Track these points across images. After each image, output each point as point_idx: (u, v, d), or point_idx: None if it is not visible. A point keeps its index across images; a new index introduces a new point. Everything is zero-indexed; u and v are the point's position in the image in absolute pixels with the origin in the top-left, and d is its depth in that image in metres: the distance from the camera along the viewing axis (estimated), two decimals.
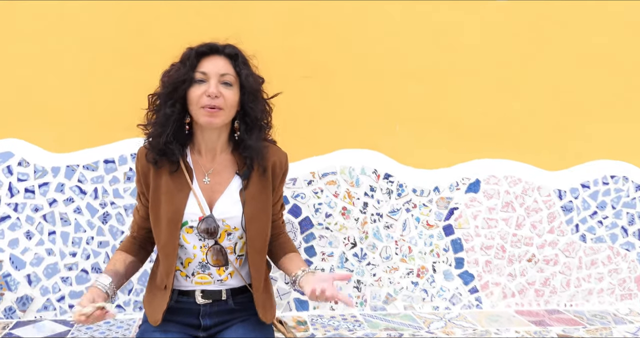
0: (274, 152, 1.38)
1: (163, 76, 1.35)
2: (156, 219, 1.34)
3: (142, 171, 1.35)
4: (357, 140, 2.15)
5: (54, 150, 2.00)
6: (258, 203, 1.35)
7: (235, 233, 1.34)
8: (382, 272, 2.18)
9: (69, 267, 2.01)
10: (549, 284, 2.29)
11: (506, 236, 2.24)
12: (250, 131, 1.34)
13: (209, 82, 1.28)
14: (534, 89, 2.22)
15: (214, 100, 1.26)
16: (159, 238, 1.34)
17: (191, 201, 1.32)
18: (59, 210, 2.00)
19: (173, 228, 1.31)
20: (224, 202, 1.33)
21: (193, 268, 1.36)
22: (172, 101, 1.28)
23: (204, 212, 1.31)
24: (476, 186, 2.21)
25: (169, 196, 1.32)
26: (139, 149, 1.37)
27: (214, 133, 1.34)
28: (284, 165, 1.41)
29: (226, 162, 1.37)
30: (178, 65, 1.30)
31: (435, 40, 2.14)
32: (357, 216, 2.15)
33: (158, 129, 1.30)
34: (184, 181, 1.33)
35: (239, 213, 1.32)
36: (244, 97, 1.32)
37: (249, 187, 1.34)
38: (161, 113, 1.29)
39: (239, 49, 1.35)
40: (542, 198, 2.25)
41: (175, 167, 1.33)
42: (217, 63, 1.30)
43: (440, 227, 2.20)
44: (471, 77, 2.18)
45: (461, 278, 2.23)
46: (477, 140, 2.21)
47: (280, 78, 1.86)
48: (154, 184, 1.33)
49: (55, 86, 1.98)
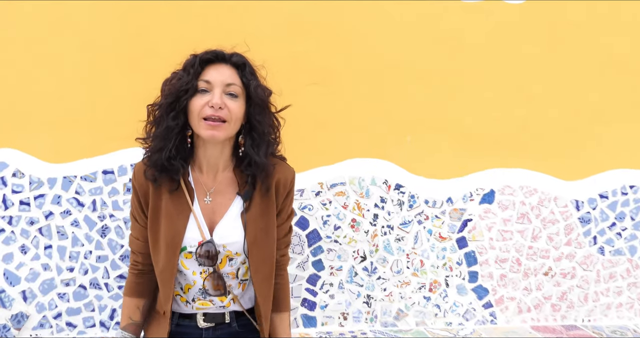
0: (280, 169, 1.28)
1: (164, 85, 1.24)
2: (155, 242, 1.24)
3: (142, 190, 1.25)
4: (366, 149, 2.06)
5: (50, 161, 1.91)
6: (261, 227, 1.24)
7: (238, 259, 1.25)
8: (393, 286, 2.09)
9: (66, 282, 1.92)
10: (566, 298, 2.20)
11: (522, 249, 2.15)
12: (257, 147, 1.24)
13: (212, 91, 1.18)
14: (550, 95, 2.13)
15: (218, 112, 1.16)
16: (157, 262, 1.25)
17: (191, 224, 1.22)
18: (55, 223, 1.91)
19: (172, 254, 1.22)
20: (225, 225, 1.23)
21: (193, 295, 1.27)
22: (174, 113, 1.19)
23: (204, 237, 1.22)
24: (490, 197, 2.12)
25: (169, 218, 1.22)
26: (136, 165, 1.28)
27: (217, 148, 1.24)
28: (289, 183, 1.30)
29: (228, 181, 1.27)
30: (180, 73, 1.20)
31: (447, 44, 2.06)
32: (367, 228, 2.06)
33: (159, 143, 1.20)
34: (184, 201, 1.24)
35: (241, 239, 1.22)
36: (251, 110, 1.23)
37: (251, 209, 1.24)
38: (162, 126, 1.19)
39: (246, 58, 1.26)
40: (558, 209, 2.17)
41: (176, 185, 1.23)
42: (222, 72, 1.21)
43: (454, 240, 2.11)
44: (484, 82, 2.09)
45: (475, 293, 2.14)
46: (491, 148, 2.12)
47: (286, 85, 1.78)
48: (153, 204, 1.24)
49: (52, 92, 1.89)
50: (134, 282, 1.30)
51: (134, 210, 1.29)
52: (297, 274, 2.03)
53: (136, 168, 1.27)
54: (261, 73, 1.29)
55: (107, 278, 1.94)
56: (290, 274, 1.77)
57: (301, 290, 2.04)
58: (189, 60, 1.23)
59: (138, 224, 1.29)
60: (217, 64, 1.22)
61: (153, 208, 1.24)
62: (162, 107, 1.20)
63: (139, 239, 1.29)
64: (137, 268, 1.31)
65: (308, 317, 2.05)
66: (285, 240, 1.35)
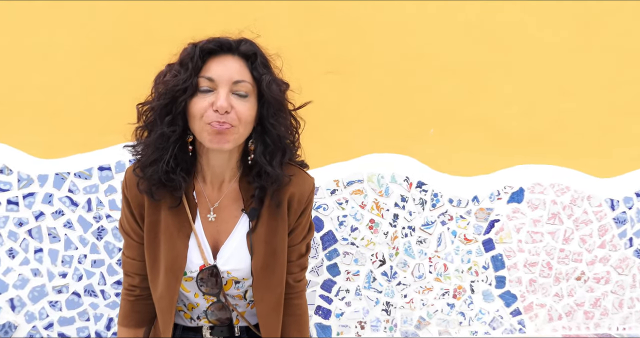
0: (297, 181, 1.08)
1: (156, 81, 1.03)
2: (153, 263, 1.06)
3: (136, 201, 1.05)
4: (386, 143, 1.89)
5: (41, 156, 1.74)
6: (270, 249, 1.06)
7: (245, 283, 1.08)
8: (414, 292, 1.93)
9: (58, 289, 1.75)
10: (600, 305, 2.04)
11: (552, 251, 1.99)
12: (269, 154, 1.04)
13: (217, 91, 0.98)
14: (583, 87, 1.97)
15: (224, 116, 0.96)
16: (155, 287, 1.07)
17: (192, 246, 1.04)
18: (46, 224, 1.74)
19: (172, 279, 1.04)
20: (229, 248, 1.06)
21: (198, 314, 1.11)
22: (171, 117, 0.99)
23: (207, 261, 1.04)
24: (519, 195, 1.96)
25: (169, 237, 1.03)
26: (127, 171, 1.09)
27: (223, 156, 1.05)
28: (305, 199, 1.09)
29: (234, 194, 1.09)
30: (177, 67, 1.00)
31: (472, 33, 1.89)
32: (386, 230, 1.90)
33: (153, 153, 1.00)
34: (184, 218, 1.05)
35: (247, 264, 1.05)
36: (263, 110, 1.02)
37: (258, 229, 1.06)
38: (156, 132, 0.99)
39: (257, 46, 1.04)
40: (592, 209, 2.01)
41: (178, 201, 1.05)
42: (229, 66, 1.00)
43: (480, 242, 1.95)
44: (513, 74, 1.93)
45: (502, 299, 1.98)
46: (520, 143, 1.95)
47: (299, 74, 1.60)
48: (150, 219, 1.05)
49: (43, 82, 1.72)
50: (130, 311, 1.13)
51: (127, 225, 1.10)
52: (310, 279, 1.87)
53: (128, 174, 1.08)
54: (276, 63, 1.08)
55: (104, 284, 1.77)
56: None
57: (315, 296, 1.88)
58: (186, 50, 1.02)
59: (133, 241, 1.10)
60: (221, 55, 1.02)
61: (150, 224, 1.05)
62: (156, 110, 1.00)
63: (135, 259, 1.11)
64: (133, 294, 1.13)
65: (322, 326, 1.88)
66: (299, 263, 1.17)
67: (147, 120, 1.03)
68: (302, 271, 1.20)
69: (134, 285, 1.14)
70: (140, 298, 1.14)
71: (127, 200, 1.08)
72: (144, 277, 1.12)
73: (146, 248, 1.07)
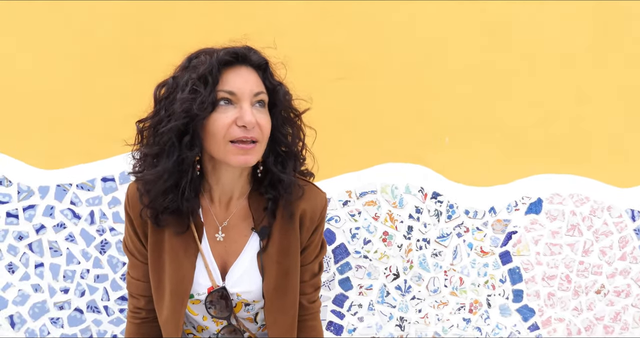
0: (308, 196, 1.03)
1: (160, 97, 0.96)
2: (158, 285, 1.00)
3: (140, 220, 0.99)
4: (400, 153, 1.82)
5: (42, 166, 1.67)
6: (282, 269, 1.01)
7: (256, 305, 1.02)
8: (429, 307, 1.86)
9: (59, 305, 1.68)
10: (620, 319, 1.97)
11: (572, 264, 1.92)
12: (282, 163, 1.01)
13: (239, 105, 0.93)
14: (603, 93, 1.90)
15: (250, 132, 0.92)
16: (160, 310, 1.01)
17: (199, 268, 0.98)
18: (47, 238, 1.67)
19: (178, 303, 0.98)
20: (239, 269, 1.00)
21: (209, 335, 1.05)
22: (190, 138, 0.92)
23: (215, 283, 0.99)
24: (538, 206, 1.89)
25: (174, 258, 0.97)
26: (129, 188, 1.02)
27: (235, 172, 0.99)
28: (317, 216, 1.05)
29: (244, 212, 1.03)
30: (194, 82, 0.92)
31: (488, 37, 1.82)
32: (400, 242, 1.83)
33: (167, 179, 0.93)
34: (190, 238, 0.99)
35: (258, 286, 0.99)
36: (274, 120, 0.99)
37: (269, 249, 1.00)
38: (173, 156, 0.92)
39: (264, 55, 1.01)
40: (612, 220, 1.94)
41: (185, 227, 0.99)
42: (247, 78, 0.95)
43: (497, 255, 1.88)
44: (531, 79, 1.86)
45: (520, 314, 1.91)
46: (538, 152, 1.89)
47: (310, 80, 1.56)
48: (154, 239, 0.99)
49: (43, 89, 1.66)
50: (136, 334, 1.07)
51: (131, 244, 1.04)
52: (322, 294, 1.79)
53: (130, 191, 1.02)
54: (279, 73, 1.05)
55: (107, 300, 1.70)
56: None
57: (326, 312, 1.81)
58: (200, 62, 0.95)
59: (137, 261, 1.04)
60: (236, 66, 0.97)
61: (154, 244, 0.99)
62: (173, 130, 0.92)
63: (140, 280, 1.05)
64: (139, 316, 1.07)
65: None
66: (313, 283, 1.12)
67: (157, 141, 0.95)
68: (316, 291, 1.15)
69: (140, 307, 1.09)
70: (147, 321, 1.09)
71: (130, 218, 1.03)
72: (150, 298, 1.06)
73: (150, 269, 1.02)
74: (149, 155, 0.97)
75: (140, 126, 1.03)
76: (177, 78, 0.99)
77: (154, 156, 0.96)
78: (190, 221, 1.00)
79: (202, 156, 0.99)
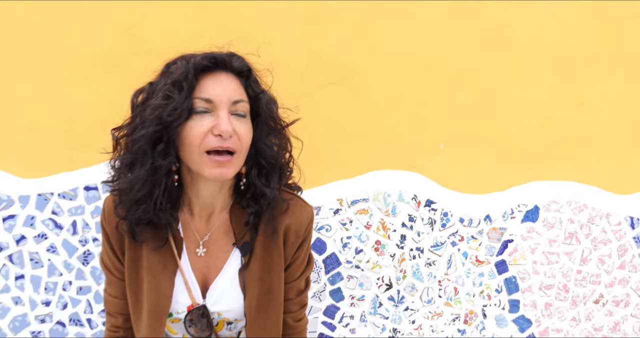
0: (294, 210, 0.99)
1: (136, 103, 0.93)
2: (135, 303, 0.95)
3: (116, 235, 0.95)
4: (393, 159, 1.77)
5: (22, 175, 1.62)
6: (265, 287, 0.96)
7: (238, 324, 0.98)
8: (422, 318, 1.81)
9: (41, 318, 1.63)
10: (619, 330, 1.92)
11: (569, 273, 1.88)
12: (266, 176, 0.95)
13: (216, 113, 0.88)
14: (602, 98, 1.85)
15: (227, 142, 0.87)
16: (137, 328, 0.96)
17: (179, 285, 0.94)
18: (28, 248, 1.62)
19: (156, 322, 0.93)
20: (220, 286, 0.95)
21: None
22: (163, 146, 0.88)
23: (195, 301, 0.94)
24: (534, 214, 1.84)
25: (152, 275, 0.93)
26: (105, 201, 0.98)
27: (215, 185, 0.95)
28: (303, 231, 1.00)
29: (225, 226, 0.98)
30: (168, 87, 0.88)
31: (485, 40, 1.77)
32: (393, 252, 1.78)
33: (142, 188, 0.88)
34: (169, 253, 0.95)
35: (239, 305, 0.95)
36: (257, 130, 0.94)
37: (251, 265, 0.96)
38: (146, 165, 0.88)
39: (248, 61, 0.96)
40: (611, 228, 1.89)
41: (163, 242, 0.95)
42: (226, 85, 0.90)
43: (492, 264, 1.83)
44: (528, 84, 1.81)
45: (516, 324, 1.86)
46: (534, 158, 1.84)
47: (300, 85, 1.52)
48: (131, 254, 0.95)
49: (24, 95, 1.60)
50: None
51: (107, 259, 1.00)
52: (312, 305, 1.75)
53: (106, 205, 0.97)
54: (265, 80, 1.00)
55: (90, 313, 1.65)
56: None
57: (317, 323, 1.76)
58: (176, 68, 0.91)
59: (114, 277, 1.00)
60: (215, 72, 0.92)
61: (131, 260, 0.95)
62: (145, 138, 0.88)
63: (117, 297, 1.01)
64: (117, 335, 1.02)
65: None
66: (299, 300, 1.07)
67: (134, 150, 0.91)
68: (302, 309, 1.10)
69: (117, 326, 1.04)
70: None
71: (106, 233, 0.99)
72: (128, 317, 1.02)
73: (127, 286, 0.98)
74: (123, 164, 0.94)
75: (116, 134, 0.99)
76: (154, 84, 0.96)
77: (128, 165, 0.93)
78: (168, 235, 0.96)
79: (180, 167, 0.95)
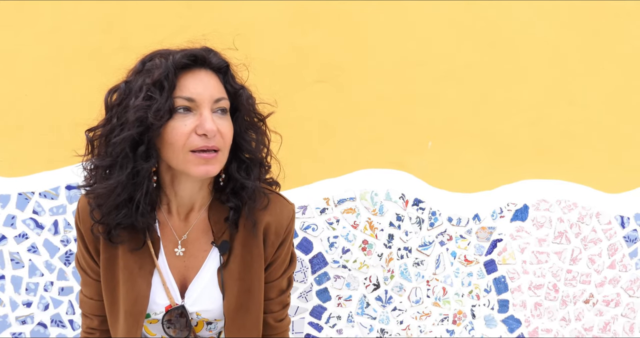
0: (274, 207, 0.97)
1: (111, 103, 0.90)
2: (111, 305, 0.93)
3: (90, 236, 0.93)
4: (380, 158, 1.75)
5: (2, 174, 1.60)
6: (244, 286, 0.94)
7: (218, 324, 0.96)
8: (410, 318, 1.79)
9: (22, 320, 1.60)
10: (610, 330, 1.91)
11: (559, 273, 1.86)
12: (246, 170, 0.94)
13: (198, 112, 0.86)
14: (592, 97, 1.83)
15: (212, 141, 0.86)
16: (114, 331, 0.94)
17: (156, 285, 0.92)
18: (8, 249, 1.59)
19: (133, 323, 0.91)
20: (198, 285, 0.93)
21: None
22: (145, 148, 0.86)
23: (174, 301, 0.92)
24: (524, 213, 1.83)
25: (128, 275, 0.91)
26: (80, 202, 0.96)
27: (195, 184, 0.93)
28: (283, 230, 0.98)
29: (204, 224, 0.96)
30: (149, 88, 0.86)
31: (473, 38, 1.75)
32: (380, 251, 1.76)
33: (122, 193, 0.86)
34: (146, 253, 0.93)
35: (218, 305, 0.93)
36: (237, 126, 0.93)
37: (230, 264, 0.94)
38: (126, 168, 0.85)
39: (224, 57, 0.95)
40: (601, 227, 1.87)
41: (141, 243, 0.93)
42: (206, 82, 0.89)
43: (481, 263, 1.81)
44: (517, 82, 1.79)
45: (506, 325, 1.84)
46: (524, 157, 1.82)
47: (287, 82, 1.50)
48: (106, 255, 0.93)
49: (5, 92, 1.58)
50: None
51: (82, 260, 0.98)
52: (299, 306, 1.73)
53: (81, 206, 0.95)
54: (241, 75, 0.99)
55: (72, 314, 1.62)
56: (291, 306, 1.48)
57: (304, 324, 1.74)
58: (155, 66, 0.88)
59: (90, 278, 0.98)
60: (194, 70, 0.90)
61: (106, 260, 0.93)
62: (126, 141, 0.85)
63: (93, 299, 0.99)
64: (93, 337, 1.01)
65: None
66: (280, 300, 1.05)
67: (113, 153, 0.88)
68: (284, 309, 1.08)
69: (93, 328, 1.02)
70: None
71: (81, 233, 0.96)
72: (104, 318, 1.00)
73: (103, 288, 0.95)
74: (100, 167, 0.91)
75: (90, 135, 0.96)
76: (130, 83, 0.93)
77: (106, 168, 0.90)
78: (146, 237, 0.94)
79: (158, 167, 0.93)
